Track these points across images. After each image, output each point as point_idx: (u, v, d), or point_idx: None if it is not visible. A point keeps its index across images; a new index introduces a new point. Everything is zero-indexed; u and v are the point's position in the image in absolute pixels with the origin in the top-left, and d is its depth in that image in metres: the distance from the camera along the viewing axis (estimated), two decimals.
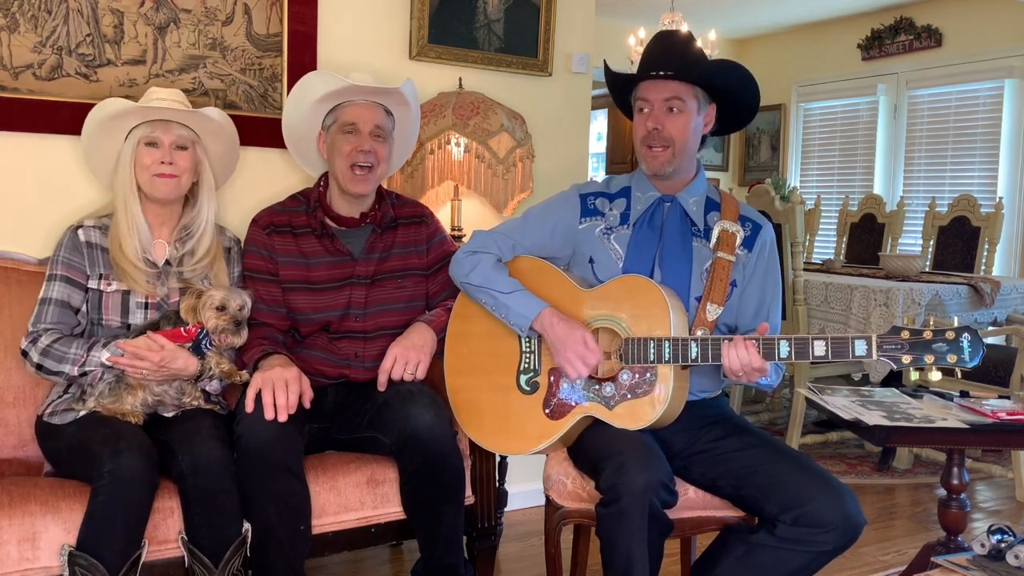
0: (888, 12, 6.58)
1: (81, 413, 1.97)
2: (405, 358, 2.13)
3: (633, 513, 1.72)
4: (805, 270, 4.19)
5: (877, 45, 6.70)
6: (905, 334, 1.70)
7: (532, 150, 2.79)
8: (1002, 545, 1.89)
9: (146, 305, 2.08)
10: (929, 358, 1.68)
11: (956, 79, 6.19)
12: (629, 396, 1.87)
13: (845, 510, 1.72)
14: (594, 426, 1.93)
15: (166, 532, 1.87)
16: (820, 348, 1.74)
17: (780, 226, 3.85)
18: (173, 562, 1.88)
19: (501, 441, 2.06)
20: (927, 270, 4.62)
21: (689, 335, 1.86)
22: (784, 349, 1.77)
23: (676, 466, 1.91)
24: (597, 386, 1.91)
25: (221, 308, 2.03)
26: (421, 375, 2.15)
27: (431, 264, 2.33)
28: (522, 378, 2.02)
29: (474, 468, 2.24)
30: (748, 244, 2.01)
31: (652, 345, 1.83)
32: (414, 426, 2.01)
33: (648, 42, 2.02)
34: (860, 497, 1.82)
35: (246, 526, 1.91)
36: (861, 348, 1.71)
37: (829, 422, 4.00)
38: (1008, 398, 2.44)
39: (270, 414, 1.92)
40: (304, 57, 2.61)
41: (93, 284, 2.06)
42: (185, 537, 1.87)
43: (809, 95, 7.35)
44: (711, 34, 6.04)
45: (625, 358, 1.87)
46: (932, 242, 4.92)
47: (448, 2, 2.86)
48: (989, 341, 3.87)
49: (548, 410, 1.97)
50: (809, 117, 7.44)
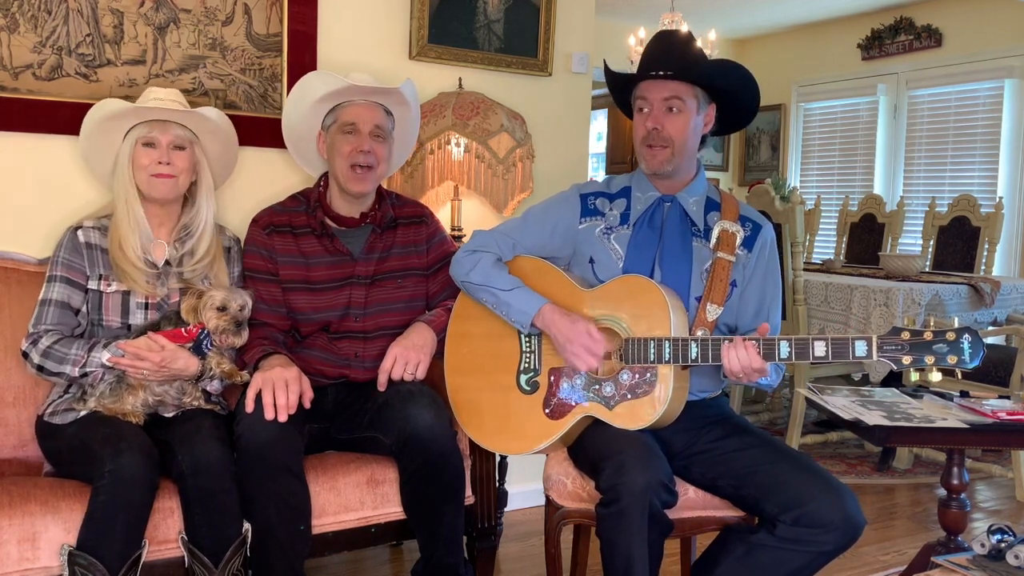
0: (888, 12, 6.58)
1: (82, 413, 1.97)
2: (405, 358, 2.13)
3: (633, 513, 1.72)
4: (805, 270, 4.19)
5: (877, 45, 6.70)
6: (905, 335, 1.70)
7: (532, 150, 2.79)
8: (1002, 545, 1.89)
9: (146, 305, 2.08)
10: (929, 359, 1.68)
11: (956, 79, 6.19)
12: (629, 396, 1.87)
13: (845, 510, 1.72)
14: (594, 426, 1.93)
15: (166, 532, 1.87)
16: (820, 349, 1.74)
17: (780, 226, 3.85)
18: (173, 562, 1.88)
19: (501, 441, 2.06)
20: (927, 270, 4.62)
21: (689, 335, 1.86)
22: (784, 350, 1.77)
23: (676, 466, 1.91)
24: (597, 386, 1.91)
25: (222, 308, 2.03)
26: (421, 375, 2.15)
27: (431, 264, 2.33)
28: (522, 378, 2.02)
29: (474, 468, 2.24)
30: (748, 244, 2.01)
31: (652, 345, 1.83)
32: (414, 426, 2.01)
33: (648, 42, 2.03)
34: (860, 497, 1.82)
35: (246, 526, 1.91)
36: (861, 349, 1.71)
37: (829, 422, 4.00)
38: (1008, 398, 2.44)
39: (270, 414, 1.92)
40: (304, 57, 2.61)
41: (93, 285, 2.06)
42: (185, 537, 1.87)
43: (809, 95, 7.35)
44: (711, 34, 6.05)
45: (625, 358, 1.87)
46: (932, 242, 4.91)
47: (448, 2, 2.86)
48: (989, 341, 3.87)
49: (548, 410, 1.97)
50: (809, 117, 7.43)
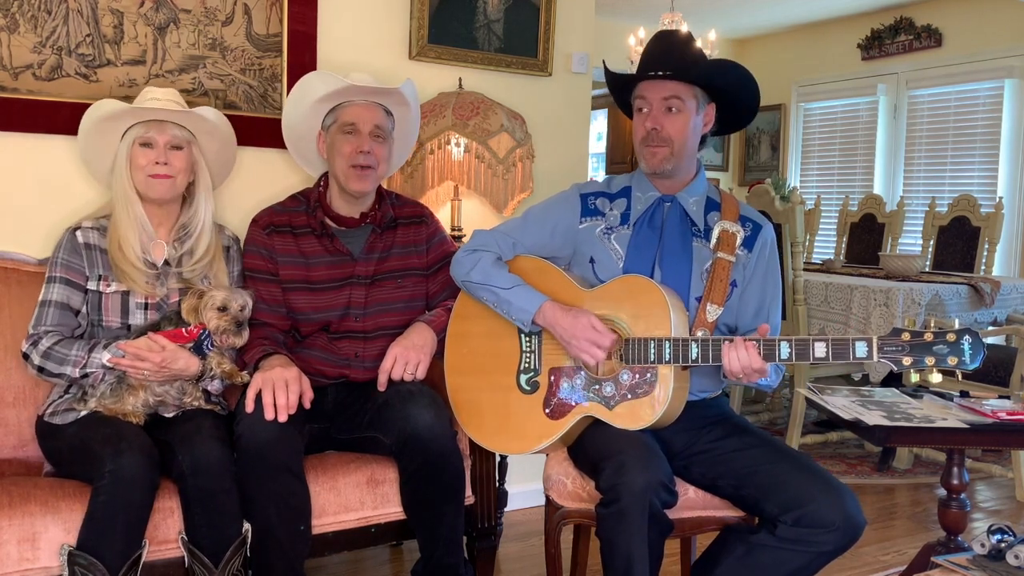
0: (888, 12, 6.58)
1: (82, 413, 1.97)
2: (405, 358, 2.13)
3: (633, 513, 1.71)
4: (805, 270, 4.19)
5: (877, 45, 6.69)
6: (906, 336, 1.70)
7: (532, 150, 2.79)
8: (1002, 545, 1.89)
9: (146, 306, 2.07)
10: (930, 360, 1.68)
11: (956, 79, 6.19)
12: (629, 396, 1.87)
13: (846, 510, 1.72)
14: (594, 426, 1.93)
15: (166, 532, 1.87)
16: (821, 350, 1.74)
17: (780, 226, 3.85)
18: (173, 562, 1.88)
19: (501, 441, 2.06)
20: (927, 270, 4.62)
21: (689, 336, 1.86)
22: (785, 350, 1.77)
23: (676, 466, 1.91)
24: (597, 386, 1.91)
25: (223, 309, 2.03)
26: (421, 375, 2.15)
27: (431, 264, 2.33)
28: (522, 378, 2.02)
29: (474, 468, 2.24)
30: (748, 244, 2.01)
31: (652, 345, 1.83)
32: (414, 426, 2.01)
33: (647, 42, 2.03)
34: (860, 497, 1.82)
35: (246, 526, 1.91)
36: (862, 350, 1.71)
37: (829, 422, 4.00)
38: (1008, 398, 2.44)
39: (270, 414, 1.92)
40: (304, 57, 2.61)
41: (92, 285, 2.06)
42: (185, 537, 1.86)
43: (809, 95, 7.35)
44: (711, 34, 6.04)
45: (625, 358, 1.87)
46: (932, 242, 4.91)
47: (448, 2, 2.86)
48: (989, 341, 3.87)
49: (548, 410, 1.97)
50: (809, 117, 7.43)
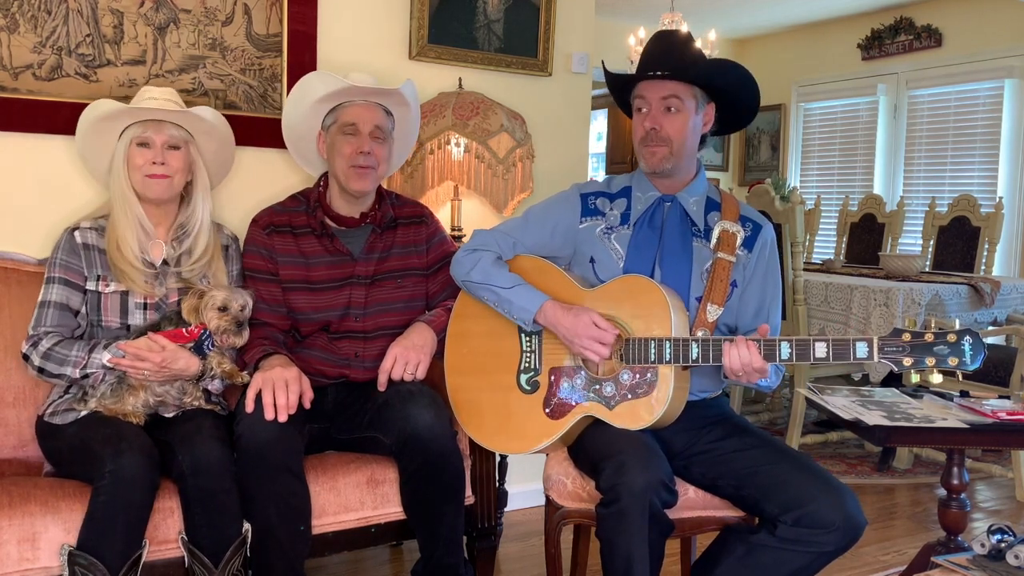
0: (888, 12, 6.58)
1: (82, 413, 1.97)
2: (405, 358, 2.13)
3: (633, 513, 1.71)
4: (805, 270, 4.19)
5: (877, 45, 6.69)
6: (906, 336, 1.70)
7: (532, 150, 2.79)
8: (1002, 545, 1.89)
9: (145, 306, 2.07)
10: (930, 360, 1.68)
11: (956, 79, 6.19)
12: (629, 396, 1.87)
13: (846, 511, 1.72)
14: (594, 426, 1.92)
15: (166, 532, 1.87)
16: (821, 350, 1.73)
17: (780, 226, 3.85)
18: (173, 562, 1.88)
19: (501, 440, 2.06)
20: (927, 270, 4.62)
21: (690, 336, 1.86)
22: (785, 351, 1.77)
23: (676, 466, 1.91)
24: (597, 386, 1.91)
25: (223, 309, 2.03)
26: (421, 375, 2.15)
27: (431, 264, 2.33)
28: (522, 377, 2.02)
29: (474, 468, 2.24)
30: (748, 244, 2.01)
31: (653, 345, 1.83)
32: (414, 426, 2.01)
33: (647, 42, 2.02)
34: (860, 497, 1.82)
35: (246, 526, 1.91)
36: (862, 350, 1.71)
37: (829, 422, 4.00)
38: (1008, 398, 2.44)
39: (270, 414, 1.92)
40: (304, 57, 2.60)
41: (91, 286, 2.06)
42: (185, 537, 1.86)
43: (809, 95, 7.35)
44: (711, 34, 6.04)
45: (626, 358, 1.87)
46: (932, 242, 4.91)
47: (448, 2, 2.86)
48: (989, 341, 3.87)
49: (548, 410, 1.97)
50: (809, 117, 7.43)
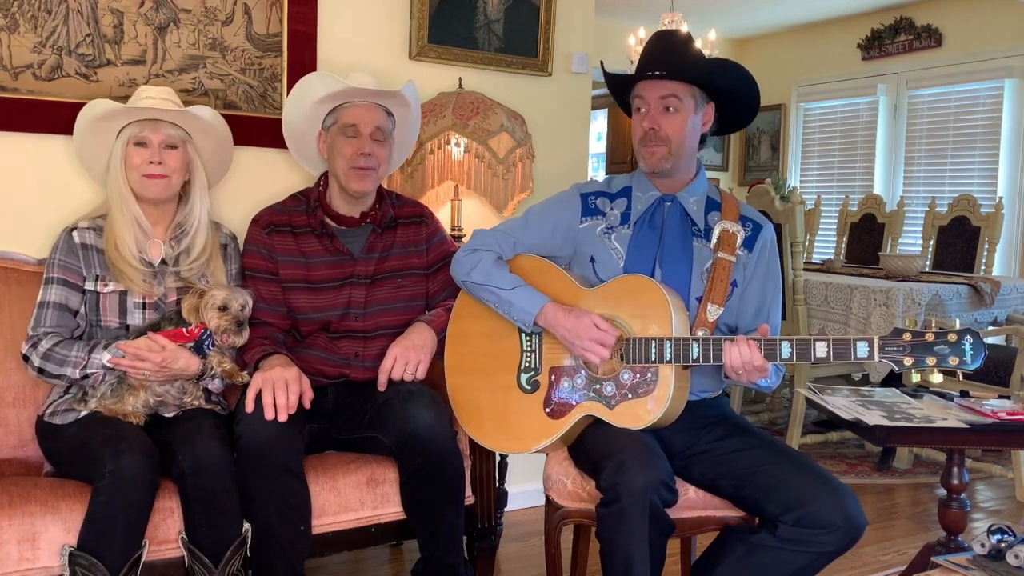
0: (888, 12, 6.58)
1: (82, 413, 1.97)
2: (405, 358, 2.13)
3: (633, 513, 1.71)
4: (805, 270, 4.19)
5: (877, 45, 6.69)
6: (907, 336, 1.70)
7: (532, 150, 2.79)
8: (1002, 545, 1.89)
9: (144, 305, 2.07)
10: (931, 360, 1.68)
11: (956, 79, 6.19)
12: (630, 396, 1.87)
13: (846, 511, 1.72)
14: (594, 425, 1.92)
15: (166, 532, 1.87)
16: (822, 350, 1.73)
17: (780, 226, 3.85)
18: (173, 562, 1.88)
19: (501, 440, 2.06)
20: (927, 270, 4.62)
21: (690, 335, 1.86)
22: (786, 350, 1.77)
23: (676, 466, 1.91)
24: (598, 385, 1.91)
25: (223, 308, 2.03)
26: (421, 375, 2.15)
27: (431, 264, 2.32)
28: (523, 377, 2.02)
29: (474, 468, 2.23)
30: (749, 244, 2.01)
31: (653, 345, 1.83)
32: (414, 426, 2.01)
33: (646, 42, 2.02)
34: (860, 497, 1.82)
35: (246, 526, 1.91)
36: (863, 350, 1.71)
37: (829, 422, 4.00)
38: (1008, 398, 2.44)
39: (270, 414, 1.92)
40: (304, 57, 2.60)
41: (90, 286, 2.06)
42: (185, 537, 1.86)
43: (809, 95, 7.35)
44: (711, 34, 6.04)
45: (626, 358, 1.87)
46: (932, 242, 4.91)
47: (448, 2, 2.86)
48: (989, 341, 3.87)
49: (549, 409, 1.96)
50: (809, 117, 7.43)
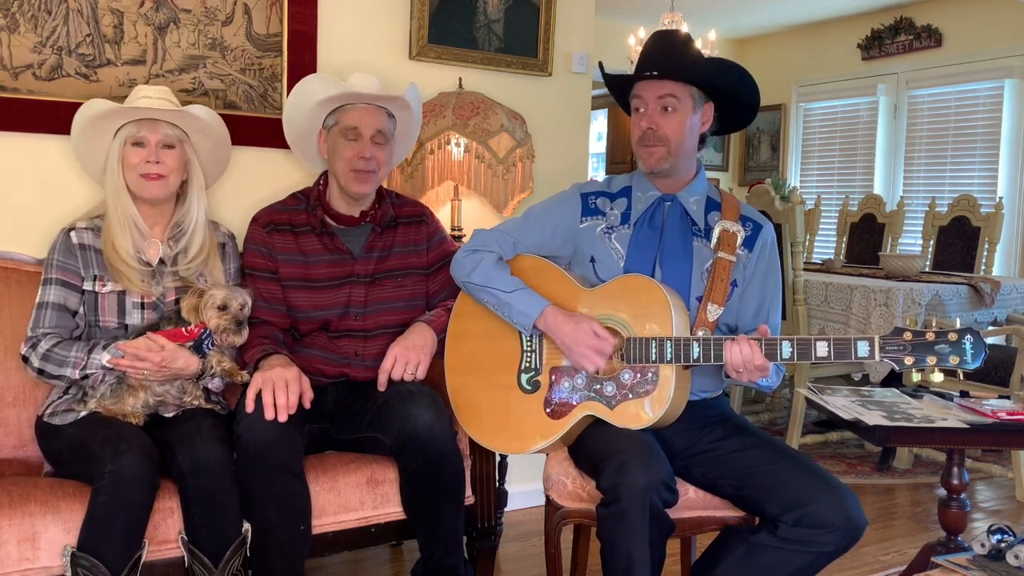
0: (888, 12, 6.58)
1: (82, 414, 1.97)
2: (405, 358, 2.13)
3: (634, 513, 1.71)
4: (805, 270, 4.19)
5: (877, 45, 6.69)
6: (907, 335, 1.70)
7: (532, 150, 2.79)
8: (1002, 545, 1.89)
9: (142, 305, 2.07)
10: (931, 359, 1.68)
11: (956, 79, 6.19)
12: (630, 396, 1.87)
13: (847, 511, 1.72)
14: (595, 425, 1.92)
15: (166, 532, 1.87)
16: (823, 349, 1.74)
17: (780, 226, 3.85)
18: (173, 562, 1.88)
19: (501, 440, 2.06)
20: (927, 270, 4.62)
21: (691, 335, 1.86)
22: (787, 350, 1.77)
23: (677, 466, 1.91)
24: (598, 385, 1.91)
25: (223, 307, 2.03)
26: (421, 375, 2.15)
27: (431, 263, 2.32)
28: (523, 377, 2.02)
29: (474, 468, 2.23)
30: (749, 244, 2.01)
31: (654, 345, 1.83)
32: (414, 426, 2.01)
33: (645, 42, 2.02)
34: (860, 497, 1.82)
35: (246, 526, 1.91)
36: (864, 349, 1.71)
37: (829, 422, 4.00)
38: (1008, 398, 2.44)
39: (270, 414, 1.92)
40: (304, 57, 2.60)
41: (88, 286, 2.05)
42: (185, 537, 1.86)
43: (809, 95, 7.35)
44: (711, 34, 6.04)
45: (627, 357, 1.87)
46: (932, 242, 4.91)
47: (448, 2, 2.86)
48: (989, 341, 3.87)
49: (549, 409, 1.96)
50: (809, 117, 7.43)
